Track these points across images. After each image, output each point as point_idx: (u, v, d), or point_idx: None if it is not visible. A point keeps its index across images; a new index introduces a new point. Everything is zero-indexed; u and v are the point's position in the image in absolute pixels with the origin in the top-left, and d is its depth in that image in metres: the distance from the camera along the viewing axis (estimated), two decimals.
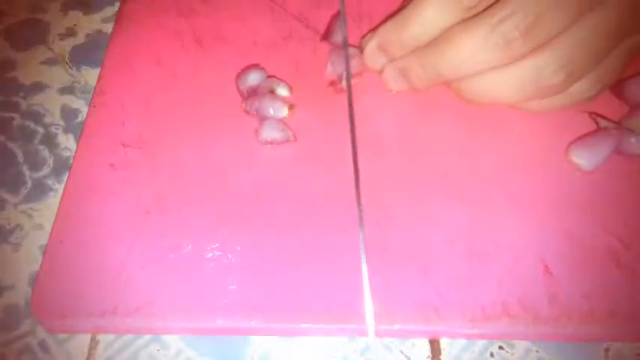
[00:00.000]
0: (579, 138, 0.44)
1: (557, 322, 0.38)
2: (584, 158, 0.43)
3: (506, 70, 0.41)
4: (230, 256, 0.40)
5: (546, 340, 0.39)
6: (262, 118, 0.46)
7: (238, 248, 0.41)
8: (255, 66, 0.48)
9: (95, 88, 0.49)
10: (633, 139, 0.43)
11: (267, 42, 0.51)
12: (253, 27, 0.52)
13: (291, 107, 0.46)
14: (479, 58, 0.41)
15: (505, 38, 0.39)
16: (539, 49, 0.40)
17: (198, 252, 0.41)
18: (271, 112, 0.45)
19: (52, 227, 0.42)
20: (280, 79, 0.47)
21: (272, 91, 0.46)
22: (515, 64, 0.41)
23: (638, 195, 0.42)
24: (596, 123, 0.45)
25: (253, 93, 0.47)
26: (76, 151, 0.46)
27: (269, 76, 0.48)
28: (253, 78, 0.47)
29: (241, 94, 0.47)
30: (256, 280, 0.40)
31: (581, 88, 0.42)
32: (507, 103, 0.44)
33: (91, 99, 0.48)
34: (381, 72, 0.46)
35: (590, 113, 0.45)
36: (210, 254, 0.41)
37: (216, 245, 0.41)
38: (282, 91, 0.47)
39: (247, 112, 0.46)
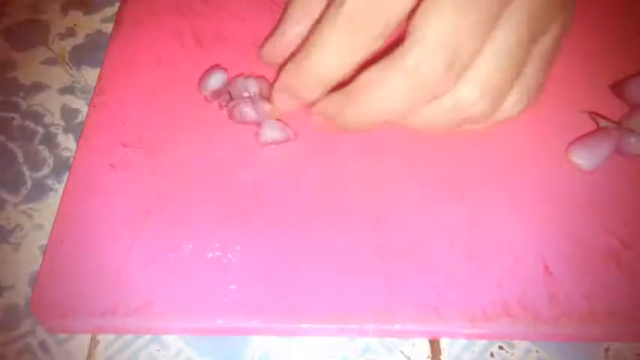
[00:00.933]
0: (579, 138, 0.44)
1: (558, 322, 0.38)
2: (584, 158, 0.43)
3: (430, 107, 0.39)
4: (230, 256, 0.40)
5: (546, 340, 0.39)
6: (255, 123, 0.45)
7: (238, 248, 0.40)
8: (217, 66, 0.48)
9: (95, 88, 0.48)
10: (633, 139, 0.43)
11: None
12: (253, 27, 0.51)
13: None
14: (402, 102, 0.38)
15: (428, 79, 0.36)
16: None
17: (198, 252, 0.40)
18: (256, 116, 0.45)
19: (52, 227, 0.42)
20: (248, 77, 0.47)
21: (247, 93, 0.46)
22: (436, 100, 0.38)
23: (638, 195, 0.42)
24: (596, 123, 0.44)
25: (217, 96, 0.46)
26: (76, 151, 0.45)
27: (236, 76, 0.47)
28: (215, 81, 0.47)
29: (207, 100, 0.47)
30: (256, 280, 0.39)
31: (505, 107, 0.40)
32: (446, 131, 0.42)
33: (91, 99, 0.48)
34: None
35: (590, 113, 0.45)
36: (211, 254, 0.40)
37: (217, 245, 0.41)
38: (253, 88, 0.46)
39: (233, 119, 0.46)
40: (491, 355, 0.39)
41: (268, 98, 0.45)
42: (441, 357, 0.39)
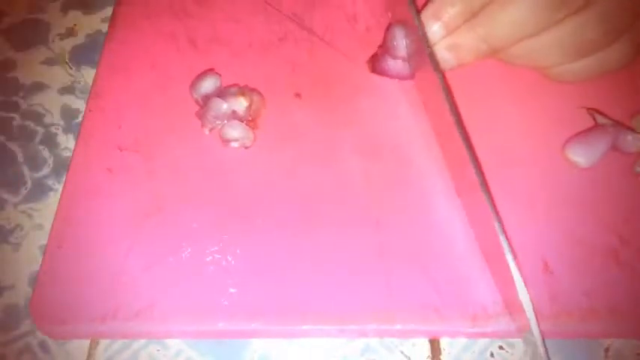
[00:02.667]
0: (576, 135, 0.42)
1: (558, 319, 0.36)
2: (580, 156, 0.41)
3: (550, 32, 0.40)
4: (230, 258, 0.39)
5: (547, 337, 0.36)
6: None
7: (238, 251, 0.39)
8: (210, 71, 0.46)
9: (90, 91, 0.47)
10: (630, 137, 0.41)
11: (262, 43, 0.49)
12: (248, 28, 0.50)
13: (253, 122, 0.44)
14: (530, 21, 0.39)
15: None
16: (581, 9, 0.39)
17: (197, 255, 0.39)
18: (237, 136, 0.43)
19: (50, 232, 0.40)
20: (239, 89, 0.44)
21: (233, 111, 0.43)
22: (559, 24, 0.39)
23: (635, 192, 0.41)
24: (594, 119, 0.43)
25: (208, 100, 0.44)
26: (72, 155, 0.44)
27: (230, 86, 0.45)
28: (207, 85, 0.45)
29: (197, 103, 0.45)
30: (256, 282, 0.38)
31: (618, 52, 0.41)
32: (547, 65, 0.43)
33: (87, 102, 0.46)
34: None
35: (589, 109, 0.43)
36: (210, 257, 0.39)
37: (216, 248, 0.39)
38: (241, 105, 0.44)
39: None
40: (492, 355, 0.37)
41: (244, 119, 0.44)
42: (441, 357, 0.37)
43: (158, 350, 0.38)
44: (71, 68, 0.51)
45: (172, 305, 0.37)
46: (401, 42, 0.44)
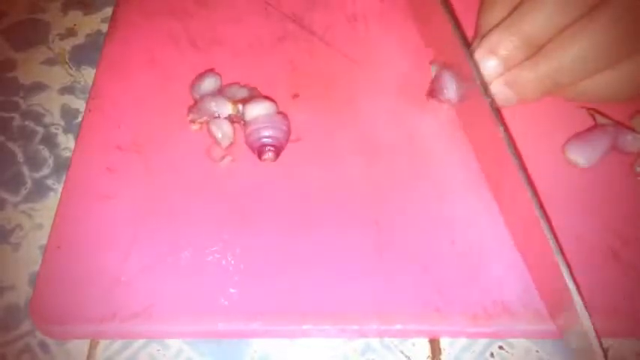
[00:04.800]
0: (576, 135, 0.42)
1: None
2: (580, 156, 0.41)
3: (619, 68, 0.39)
4: (230, 258, 0.38)
5: (547, 337, 0.37)
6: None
7: (238, 251, 0.39)
8: (210, 70, 0.46)
9: (90, 91, 0.47)
10: (630, 137, 0.41)
11: (262, 43, 0.49)
12: (248, 28, 0.50)
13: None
14: (598, 55, 0.38)
15: (626, 30, 0.38)
16: None
17: (197, 255, 0.38)
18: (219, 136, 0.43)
19: (50, 233, 0.40)
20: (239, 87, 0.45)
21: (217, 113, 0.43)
22: (628, 59, 0.39)
23: (634, 192, 0.40)
24: (594, 119, 0.43)
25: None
26: (72, 155, 0.43)
27: (230, 84, 0.45)
28: (208, 85, 0.45)
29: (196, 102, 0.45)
30: (256, 282, 0.38)
31: None
32: (615, 100, 0.42)
33: (86, 103, 0.46)
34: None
35: (589, 109, 0.43)
36: (210, 257, 0.38)
37: (216, 248, 0.39)
38: (226, 109, 0.44)
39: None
40: (492, 355, 0.37)
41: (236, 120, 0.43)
42: (441, 357, 0.37)
43: (158, 350, 0.37)
44: (71, 68, 0.51)
45: (172, 305, 0.37)
46: (450, 87, 0.43)
